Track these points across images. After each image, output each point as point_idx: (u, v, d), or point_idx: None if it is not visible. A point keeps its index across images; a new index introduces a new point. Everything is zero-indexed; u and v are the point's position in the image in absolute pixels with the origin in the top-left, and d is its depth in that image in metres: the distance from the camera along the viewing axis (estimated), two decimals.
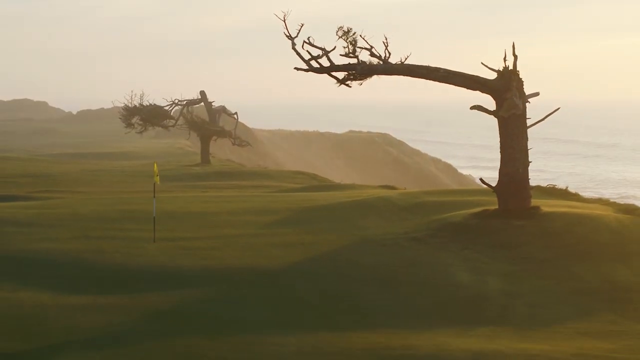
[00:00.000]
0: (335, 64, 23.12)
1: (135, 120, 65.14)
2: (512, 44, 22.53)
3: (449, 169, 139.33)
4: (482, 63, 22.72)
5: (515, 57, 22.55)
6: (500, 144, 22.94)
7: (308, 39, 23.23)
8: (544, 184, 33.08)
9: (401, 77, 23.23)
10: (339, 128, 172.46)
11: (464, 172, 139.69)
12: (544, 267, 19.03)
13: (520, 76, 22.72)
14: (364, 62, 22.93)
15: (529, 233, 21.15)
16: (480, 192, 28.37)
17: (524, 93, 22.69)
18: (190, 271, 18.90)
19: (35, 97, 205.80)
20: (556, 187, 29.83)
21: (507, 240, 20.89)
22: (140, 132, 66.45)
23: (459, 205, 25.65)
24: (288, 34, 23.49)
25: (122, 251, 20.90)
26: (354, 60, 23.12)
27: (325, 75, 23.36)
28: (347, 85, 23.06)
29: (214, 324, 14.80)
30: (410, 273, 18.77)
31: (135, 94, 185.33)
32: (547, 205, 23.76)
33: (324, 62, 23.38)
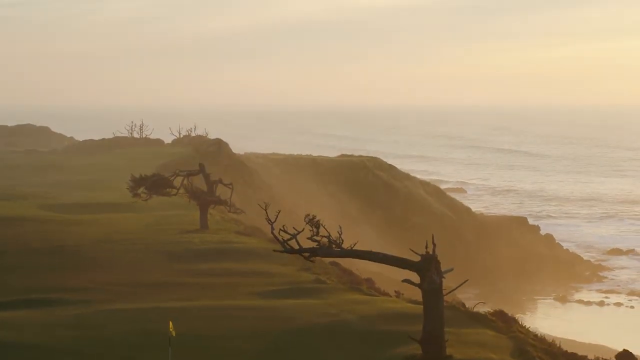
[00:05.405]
0: (303, 245, 31.40)
1: (141, 190, 73.63)
2: (432, 236, 30.84)
3: (438, 192, 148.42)
4: (410, 249, 31.15)
5: (434, 245, 30.80)
6: (423, 308, 31.26)
7: (283, 226, 31.48)
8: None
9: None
10: (331, 151, 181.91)
11: (452, 195, 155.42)
12: None
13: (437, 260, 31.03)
14: (323, 246, 31.21)
15: None
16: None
17: (441, 271, 31.00)
18: None
19: (38, 122, 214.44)
20: (480, 311, 38.02)
21: None
22: (146, 200, 74.83)
23: (405, 337, 33.54)
24: (268, 219, 31.77)
25: None
26: (316, 243, 31.37)
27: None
28: (311, 261, 31.52)
29: None
30: None
31: (135, 125, 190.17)
32: (463, 345, 32.14)
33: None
